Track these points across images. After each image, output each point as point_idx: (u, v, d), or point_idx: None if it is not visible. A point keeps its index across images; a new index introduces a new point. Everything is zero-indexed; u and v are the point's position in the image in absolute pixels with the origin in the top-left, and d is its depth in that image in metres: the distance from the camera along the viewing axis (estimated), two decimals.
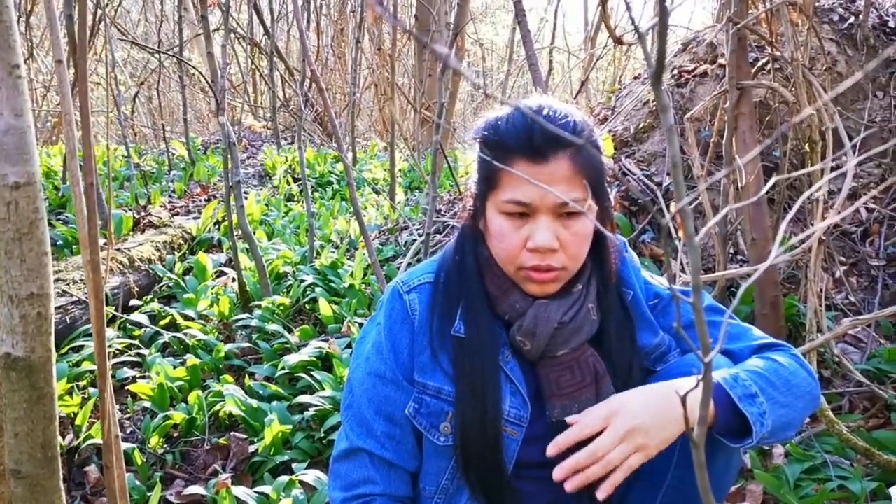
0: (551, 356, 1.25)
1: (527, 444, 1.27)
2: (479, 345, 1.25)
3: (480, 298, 1.28)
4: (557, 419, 1.24)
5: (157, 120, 9.50)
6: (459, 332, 1.27)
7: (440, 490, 1.31)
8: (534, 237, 1.18)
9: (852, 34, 3.73)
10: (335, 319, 3.18)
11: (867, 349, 2.75)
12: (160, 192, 5.43)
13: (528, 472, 1.30)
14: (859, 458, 2.11)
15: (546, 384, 1.26)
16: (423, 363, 1.28)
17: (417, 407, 1.28)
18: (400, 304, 1.31)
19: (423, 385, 1.28)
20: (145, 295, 3.56)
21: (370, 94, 9.51)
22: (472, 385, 1.24)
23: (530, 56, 2.96)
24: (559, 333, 1.24)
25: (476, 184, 1.29)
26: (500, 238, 1.22)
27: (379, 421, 1.30)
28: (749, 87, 2.60)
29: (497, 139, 1.22)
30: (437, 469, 1.30)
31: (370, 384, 1.31)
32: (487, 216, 1.25)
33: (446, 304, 1.29)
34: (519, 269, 1.22)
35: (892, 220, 3.32)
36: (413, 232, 4.24)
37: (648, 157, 3.69)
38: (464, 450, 1.25)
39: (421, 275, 1.34)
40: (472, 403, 1.24)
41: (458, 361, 1.26)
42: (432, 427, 1.27)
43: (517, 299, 1.26)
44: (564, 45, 10.14)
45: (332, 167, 6.62)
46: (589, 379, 1.25)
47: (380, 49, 7.25)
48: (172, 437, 2.48)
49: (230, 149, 3.26)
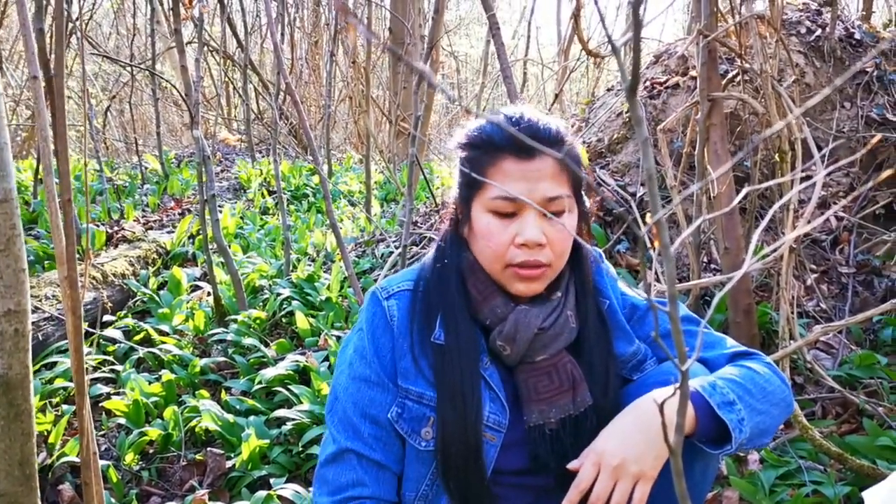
0: (530, 361, 1.27)
1: (504, 450, 1.28)
2: (458, 351, 1.26)
3: (460, 305, 1.29)
4: (535, 424, 1.26)
5: (129, 134, 9.42)
6: (439, 339, 1.28)
7: (420, 496, 1.31)
8: (523, 232, 1.21)
9: (819, 46, 3.80)
10: (312, 333, 3.17)
11: (839, 355, 2.80)
12: (133, 206, 5.38)
13: (506, 479, 1.31)
14: (832, 462, 2.14)
15: (524, 389, 1.27)
16: (405, 369, 1.29)
17: (400, 412, 1.28)
18: (380, 310, 1.32)
19: (405, 390, 1.28)
20: (119, 310, 3.53)
21: (345, 107, 9.52)
22: (452, 392, 1.25)
23: (504, 69, 2.98)
24: (538, 339, 1.26)
25: (459, 189, 1.31)
26: (487, 237, 1.24)
27: (365, 423, 1.30)
28: (720, 99, 2.64)
29: (484, 138, 1.25)
30: (417, 475, 1.30)
31: (355, 388, 1.31)
32: (473, 217, 1.26)
33: (426, 311, 1.31)
34: (506, 266, 1.24)
35: (861, 229, 3.38)
36: (390, 244, 4.25)
37: (622, 167, 3.73)
38: (444, 455, 1.25)
39: (400, 282, 1.36)
40: (452, 410, 1.24)
41: (438, 368, 1.27)
42: (414, 432, 1.28)
43: (498, 304, 1.27)
44: (538, 57, 10.23)
45: (308, 180, 6.60)
46: (567, 384, 1.27)
47: (354, 62, 7.26)
48: (148, 454, 2.45)
49: (204, 162, 3.25)
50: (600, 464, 1.14)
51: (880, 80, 3.71)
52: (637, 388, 1.31)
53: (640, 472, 1.12)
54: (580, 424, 1.27)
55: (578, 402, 1.27)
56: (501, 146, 1.22)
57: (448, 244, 1.34)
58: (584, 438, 1.25)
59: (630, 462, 1.12)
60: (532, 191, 1.20)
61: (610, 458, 1.13)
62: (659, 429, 1.14)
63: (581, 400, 1.27)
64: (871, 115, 3.61)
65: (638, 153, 3.70)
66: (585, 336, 1.31)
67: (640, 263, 3.29)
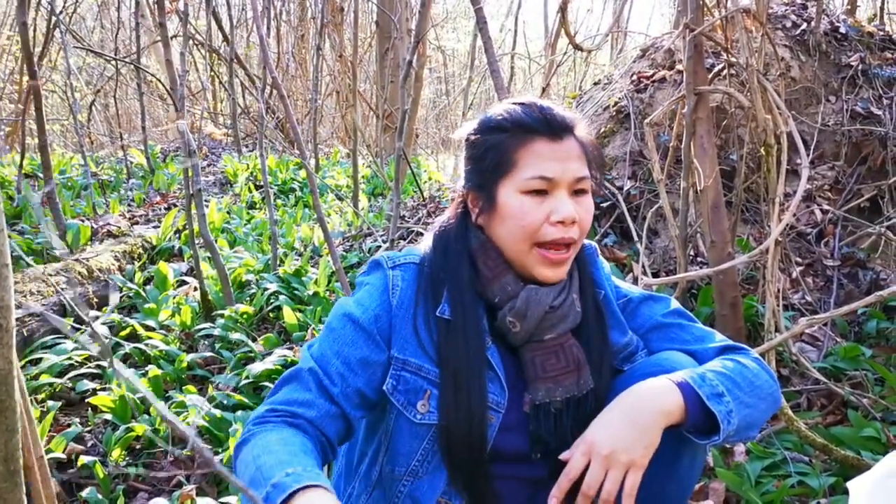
0: (538, 340, 1.28)
1: (502, 433, 1.29)
2: (464, 328, 1.27)
3: (468, 282, 1.30)
4: (540, 402, 1.27)
5: (114, 128, 9.36)
6: (444, 313, 1.29)
7: (409, 472, 1.30)
8: (558, 210, 1.24)
9: (805, 40, 3.82)
10: (300, 327, 3.16)
11: (824, 347, 2.82)
12: (119, 200, 5.35)
13: (503, 469, 1.31)
14: (818, 454, 2.16)
15: (531, 367, 1.29)
16: (405, 340, 1.29)
17: (395, 383, 1.28)
18: (383, 277, 1.32)
19: (403, 361, 1.28)
20: (104, 305, 3.51)
21: (332, 101, 9.49)
22: (456, 368, 1.25)
23: (492, 63, 2.98)
24: (548, 318, 1.27)
25: (478, 175, 1.31)
26: (520, 216, 1.25)
27: (337, 359, 1.26)
28: (706, 93, 2.65)
29: (515, 122, 1.27)
30: (409, 450, 1.29)
31: (341, 325, 1.29)
32: (501, 200, 1.27)
33: (432, 285, 1.31)
34: (535, 245, 1.25)
35: (846, 222, 3.41)
36: (377, 238, 4.24)
37: (609, 161, 3.74)
38: (447, 432, 1.25)
39: (407, 255, 1.36)
40: (456, 386, 1.25)
41: (442, 343, 1.27)
42: (409, 404, 1.27)
43: (509, 282, 1.28)
44: (525, 51, 10.23)
45: (295, 174, 6.58)
46: (572, 365, 1.28)
47: (341, 56, 7.24)
48: (135, 450, 2.44)
49: (190, 156, 3.23)
50: (591, 453, 1.15)
51: (865, 74, 3.73)
52: (626, 379, 1.32)
53: (630, 460, 1.13)
54: (581, 407, 1.29)
55: (582, 384, 1.29)
56: (533, 128, 1.25)
57: (456, 228, 1.35)
58: (584, 421, 1.26)
59: (620, 451, 1.14)
60: (564, 170, 1.24)
61: (600, 447, 1.15)
62: (649, 418, 1.15)
63: (584, 382, 1.29)
64: (855, 108, 3.64)
65: (625, 146, 3.72)
66: (585, 321, 1.33)
67: (627, 256, 3.30)
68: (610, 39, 8.35)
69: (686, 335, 1.39)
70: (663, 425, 1.16)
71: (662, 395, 1.18)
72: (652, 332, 1.40)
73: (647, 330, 1.41)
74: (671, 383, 1.19)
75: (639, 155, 3.66)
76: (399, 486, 1.31)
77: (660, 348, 1.37)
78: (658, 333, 1.40)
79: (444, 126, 13.50)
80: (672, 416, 1.16)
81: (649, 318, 1.41)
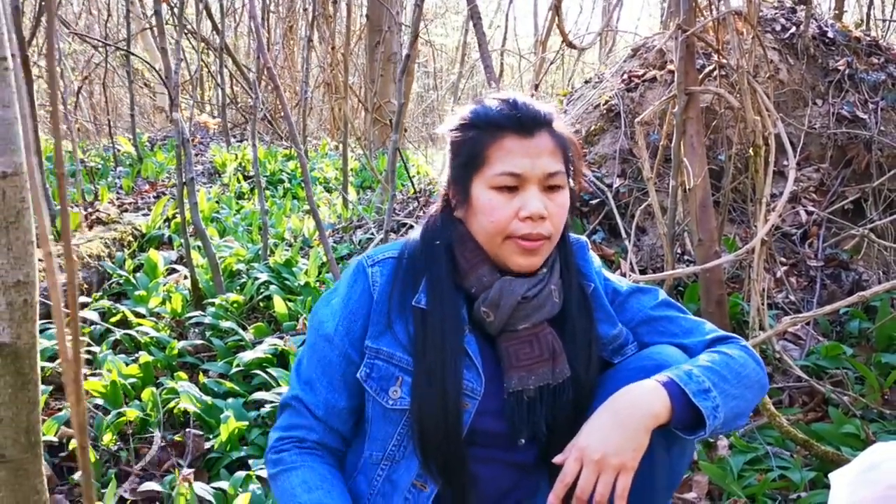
0: (512, 329, 1.31)
1: (482, 417, 1.32)
2: (442, 318, 1.30)
3: (447, 273, 1.33)
4: (514, 390, 1.30)
5: (100, 115, 9.30)
6: (421, 303, 1.32)
7: (386, 457, 1.34)
8: (527, 206, 1.26)
9: (794, 43, 3.87)
10: (290, 317, 3.18)
11: (806, 346, 2.87)
12: (107, 188, 5.33)
13: (488, 452, 1.34)
14: (799, 449, 2.21)
15: (506, 356, 1.31)
16: (378, 330, 1.32)
17: (369, 371, 1.32)
18: (363, 277, 1.35)
19: (375, 350, 1.32)
20: (94, 292, 3.51)
21: (320, 93, 9.48)
22: (432, 358, 1.28)
23: (485, 58, 3.01)
24: (521, 308, 1.30)
25: (455, 170, 1.35)
26: (490, 212, 1.27)
27: (320, 385, 1.36)
28: (696, 93, 2.69)
29: (485, 118, 1.30)
30: (384, 435, 1.33)
31: (320, 346, 1.37)
32: (474, 196, 1.30)
33: (410, 276, 1.34)
34: (508, 238, 1.28)
35: (830, 223, 3.47)
36: (368, 230, 4.26)
37: (599, 159, 3.78)
38: (419, 418, 1.28)
39: (386, 251, 1.39)
40: (430, 375, 1.28)
41: (418, 332, 1.31)
42: (382, 391, 1.31)
43: (485, 273, 1.31)
44: (515, 47, 10.25)
45: (283, 165, 6.58)
46: (547, 354, 1.31)
47: (333, 48, 7.23)
48: (126, 435, 2.45)
49: (184, 145, 3.23)
50: (583, 458, 1.18)
51: (851, 78, 3.79)
52: (617, 373, 1.35)
53: (620, 463, 1.16)
54: (557, 395, 1.32)
55: (557, 373, 1.31)
56: (503, 125, 1.27)
57: (439, 222, 1.38)
58: (561, 409, 1.31)
59: (611, 455, 1.17)
60: (534, 166, 1.26)
61: (592, 452, 1.18)
62: (637, 422, 1.18)
63: (560, 371, 1.31)
64: (842, 112, 3.70)
65: (615, 144, 3.76)
66: (568, 312, 1.36)
67: (615, 253, 3.35)
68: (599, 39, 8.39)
69: (675, 328, 1.42)
70: (651, 427, 1.19)
71: (650, 397, 1.20)
72: (642, 326, 1.43)
73: (637, 324, 1.43)
74: (657, 384, 1.22)
75: (628, 153, 3.71)
76: (378, 471, 1.35)
77: (650, 342, 1.40)
78: (648, 327, 1.42)
79: (431, 120, 13.51)
80: (660, 418, 1.19)
81: (638, 311, 1.44)
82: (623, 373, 1.34)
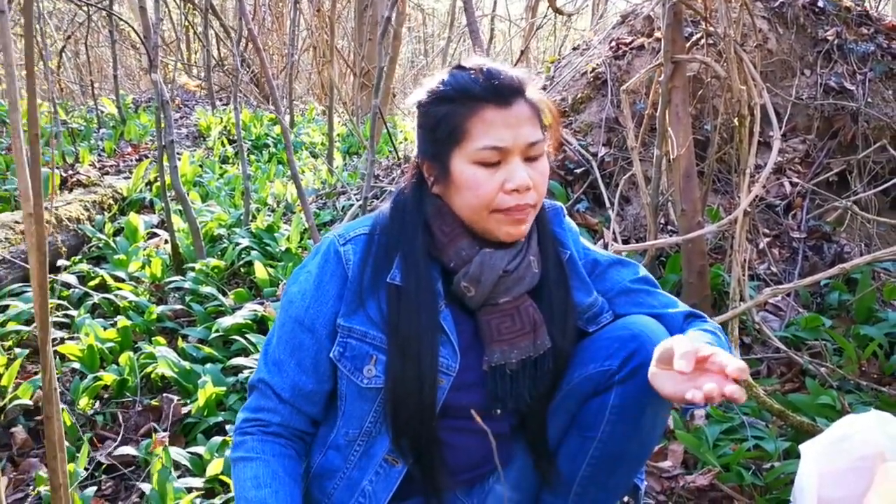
0: (493, 303, 1.30)
1: (457, 392, 1.31)
2: (417, 293, 1.28)
3: (421, 247, 1.30)
4: (496, 364, 1.29)
5: (84, 76, 9.16)
6: (395, 279, 1.29)
7: (363, 433, 1.33)
8: (512, 178, 1.23)
9: (783, 13, 3.83)
10: (271, 283, 3.16)
11: (786, 317, 2.88)
12: (89, 150, 5.26)
13: (457, 423, 1.33)
14: (774, 419, 2.22)
15: (487, 330, 1.30)
16: (351, 309, 1.30)
17: (342, 350, 1.30)
18: (335, 257, 1.32)
19: (348, 329, 1.30)
20: (73, 255, 3.47)
21: (308, 57, 9.36)
22: (406, 334, 1.27)
23: (472, 23, 2.97)
24: (503, 281, 1.29)
25: (431, 145, 1.30)
26: (474, 187, 1.24)
27: (291, 363, 1.34)
28: (683, 62, 2.66)
29: (461, 90, 1.25)
30: (360, 412, 1.33)
31: (289, 328, 1.34)
32: (454, 171, 1.26)
33: (383, 252, 1.32)
34: (494, 211, 1.25)
35: (815, 195, 3.46)
36: (351, 197, 4.23)
37: (585, 127, 3.75)
38: (393, 396, 1.27)
39: (357, 227, 1.36)
40: (404, 352, 1.26)
41: (392, 309, 1.28)
42: (356, 370, 1.30)
43: (464, 246, 1.29)
44: (506, 13, 10.14)
45: (269, 130, 6.50)
46: (528, 327, 1.30)
47: (319, 10, 7.12)
48: (103, 399, 2.44)
49: (163, 107, 3.18)
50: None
51: (840, 49, 3.76)
52: (593, 343, 1.35)
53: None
54: (539, 366, 1.32)
55: (538, 345, 1.31)
56: (480, 96, 1.23)
57: (411, 197, 1.35)
58: (541, 379, 1.31)
59: None
60: (516, 137, 1.23)
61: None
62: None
63: (541, 343, 1.31)
64: (829, 83, 3.67)
65: (601, 113, 3.72)
66: (546, 281, 1.35)
67: (599, 223, 3.33)
68: (591, 4, 8.31)
69: (653, 300, 1.42)
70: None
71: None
72: (620, 297, 1.43)
73: (615, 294, 1.43)
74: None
75: (614, 122, 3.68)
76: (355, 447, 1.35)
77: (627, 312, 1.40)
78: (625, 298, 1.42)
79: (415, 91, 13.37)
80: None
81: (617, 282, 1.44)
82: (599, 342, 1.34)
